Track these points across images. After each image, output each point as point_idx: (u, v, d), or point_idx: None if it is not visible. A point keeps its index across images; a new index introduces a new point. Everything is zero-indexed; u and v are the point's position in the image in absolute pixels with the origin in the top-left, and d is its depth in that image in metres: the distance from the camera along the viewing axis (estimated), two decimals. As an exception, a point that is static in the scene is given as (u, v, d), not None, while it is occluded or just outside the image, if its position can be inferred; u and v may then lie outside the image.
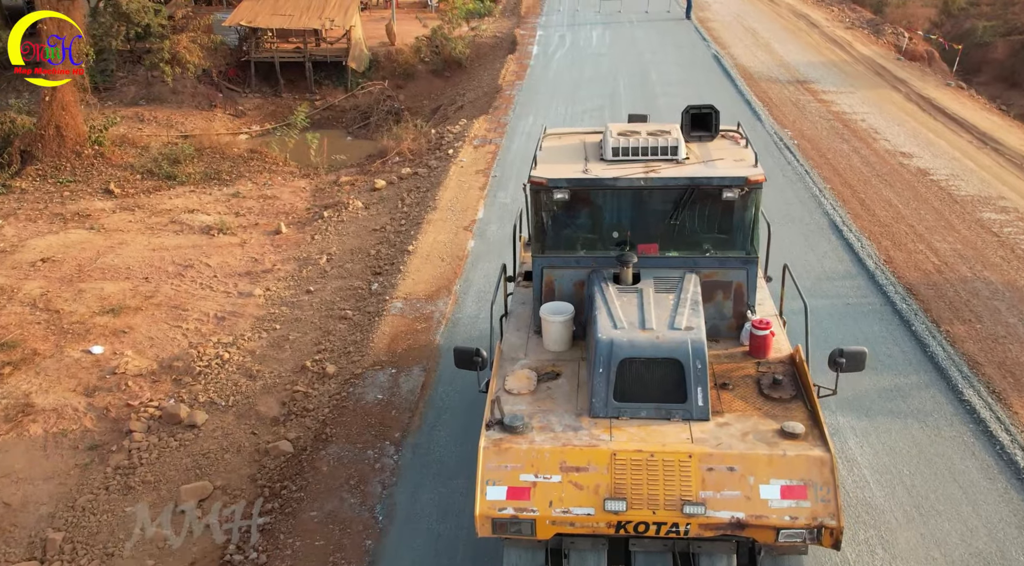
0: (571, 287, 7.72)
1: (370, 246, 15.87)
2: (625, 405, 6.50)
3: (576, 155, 8.07)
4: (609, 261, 7.54)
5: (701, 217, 7.57)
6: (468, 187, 17.80)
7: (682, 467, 6.05)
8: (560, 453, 6.17)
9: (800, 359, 7.10)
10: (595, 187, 7.49)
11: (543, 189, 7.49)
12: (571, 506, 6.03)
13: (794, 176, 17.79)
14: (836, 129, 21.60)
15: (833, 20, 38.39)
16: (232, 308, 14.02)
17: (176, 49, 30.89)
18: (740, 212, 7.49)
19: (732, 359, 7.30)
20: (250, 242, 16.72)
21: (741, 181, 7.34)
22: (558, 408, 6.68)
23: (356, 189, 19.33)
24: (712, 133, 8.30)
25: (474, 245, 14.86)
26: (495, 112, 23.59)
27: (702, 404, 6.46)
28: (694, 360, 6.43)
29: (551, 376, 7.10)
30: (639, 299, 7.07)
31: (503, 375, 7.15)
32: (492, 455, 6.19)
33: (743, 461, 6.04)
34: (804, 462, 6.00)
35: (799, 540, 5.97)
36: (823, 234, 14.79)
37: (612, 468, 6.08)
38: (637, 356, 6.48)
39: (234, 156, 21.62)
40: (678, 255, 7.61)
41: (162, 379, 11.95)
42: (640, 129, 8.07)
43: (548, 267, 7.73)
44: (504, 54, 32.92)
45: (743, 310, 7.63)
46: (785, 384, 6.84)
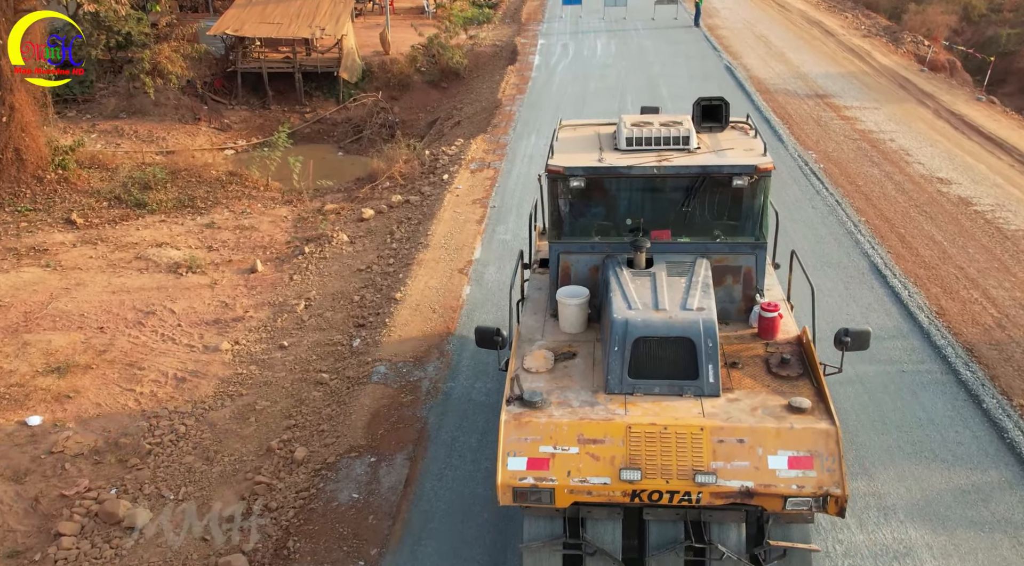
0: (586, 272, 7.99)
1: (354, 290, 14.18)
2: (639, 382, 6.74)
3: (591, 145, 8.28)
4: (623, 247, 7.79)
5: (712, 204, 7.84)
6: (464, 220, 16.10)
7: (694, 439, 6.31)
8: (577, 426, 6.42)
9: (807, 340, 7.28)
10: (610, 175, 7.75)
11: (560, 177, 7.73)
12: (588, 476, 6.29)
13: (824, 208, 16.09)
14: (864, 150, 19.91)
15: (848, 27, 36.70)
16: (195, 366, 12.33)
17: (157, 59, 29.27)
18: (749, 199, 7.74)
19: (742, 340, 7.52)
20: (221, 283, 15.03)
21: (751, 169, 7.57)
22: (575, 385, 6.93)
23: (342, 219, 17.63)
24: (722, 124, 8.53)
25: (470, 292, 13.17)
26: (494, 130, 21.89)
27: (713, 381, 6.68)
28: (705, 338, 6.66)
29: (568, 356, 7.32)
30: (652, 282, 7.31)
31: (521, 355, 7.32)
32: (512, 428, 6.45)
33: (752, 433, 6.30)
34: (811, 434, 6.25)
35: (806, 508, 6.21)
36: (864, 281, 13.09)
37: (627, 440, 6.34)
38: (651, 335, 6.71)
39: (211, 179, 19.93)
40: (690, 241, 7.86)
41: (106, 459, 10.25)
42: (653, 120, 8.25)
43: (564, 253, 8.00)
44: (504, 64, 31.25)
45: (752, 294, 7.88)
46: (792, 363, 7.06)
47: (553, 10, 41.51)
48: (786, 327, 7.64)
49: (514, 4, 45.39)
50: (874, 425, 9.53)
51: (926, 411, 9.79)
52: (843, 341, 7.16)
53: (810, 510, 6.21)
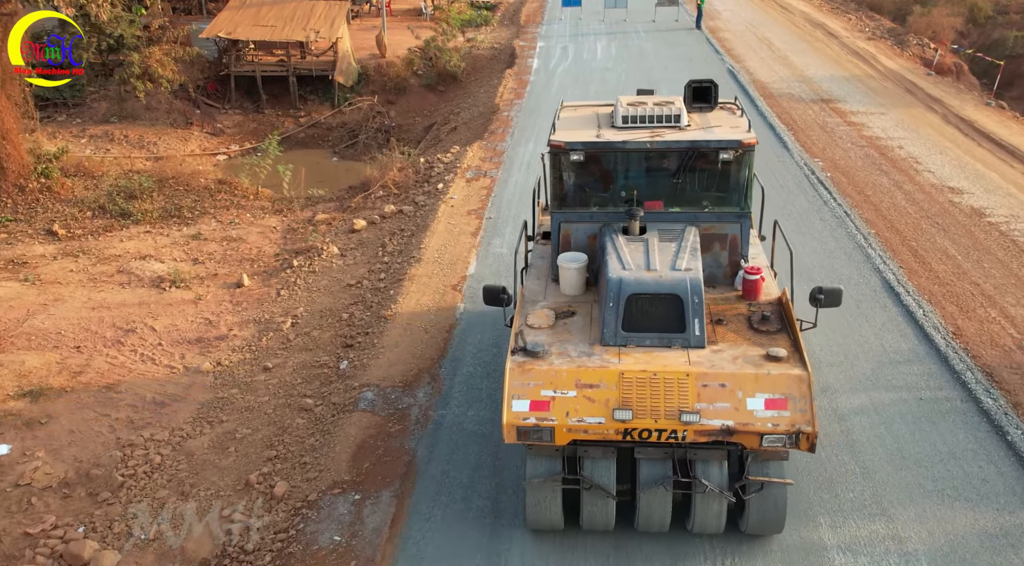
0: (585, 239, 8.69)
1: (343, 307, 13.58)
2: (632, 334, 7.41)
3: (590, 123, 8.94)
4: (619, 216, 8.48)
5: (700, 177, 8.51)
6: (459, 232, 15.51)
7: (680, 384, 7.00)
8: (575, 373, 7.11)
9: (786, 299, 7.98)
10: (606, 150, 8.40)
11: (561, 151, 8.37)
12: (585, 416, 6.97)
13: (833, 220, 15.49)
14: (871, 158, 19.32)
15: (852, 30, 36.12)
16: (175, 389, 11.74)
17: (148, 63, 28.68)
18: (735, 172, 8.41)
19: (727, 301, 8.22)
20: (206, 298, 14.44)
21: (736, 144, 8.21)
22: (574, 339, 7.61)
23: (333, 230, 17.04)
24: (711, 104, 9.18)
25: (464, 310, 12.57)
26: (491, 137, 21.30)
27: (699, 333, 7.37)
28: (692, 295, 7.35)
29: (567, 314, 8.03)
30: (645, 247, 7.96)
31: (525, 313, 8.03)
32: (517, 374, 7.13)
33: (733, 378, 6.99)
34: (785, 379, 6.96)
35: (780, 445, 6.90)
36: (877, 299, 12.49)
37: (620, 385, 7.02)
38: (643, 292, 7.40)
39: (199, 188, 19.34)
40: (680, 211, 8.55)
41: (75, 493, 9.66)
42: (647, 100, 8.93)
43: (565, 222, 8.71)
44: (502, 67, 30.66)
45: (737, 259, 8.57)
46: (772, 319, 7.75)
47: (552, 12, 40.91)
48: (768, 289, 8.35)
49: (513, 6, 44.82)
50: (892, 459, 8.94)
51: (947, 444, 9.20)
52: (817, 298, 7.90)
53: (784, 447, 6.93)
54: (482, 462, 9.13)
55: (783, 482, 7.35)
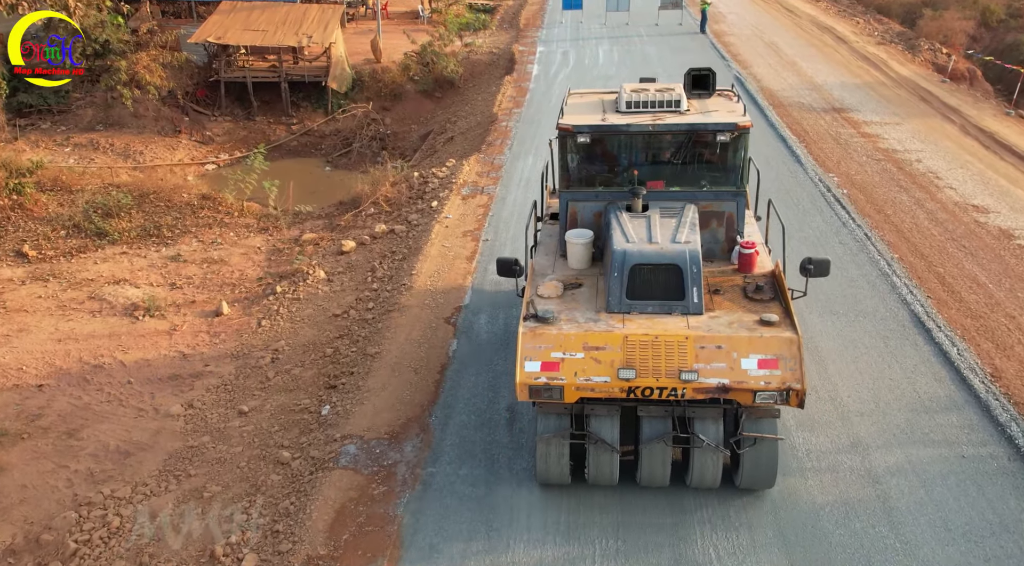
0: (591, 217, 9.22)
1: (327, 340, 12.59)
2: (635, 302, 7.98)
3: (596, 108, 9.56)
4: (623, 195, 9.00)
5: (699, 158, 9.09)
6: (453, 256, 14.51)
7: (680, 346, 7.56)
8: (583, 337, 7.68)
9: (779, 271, 8.57)
10: (611, 132, 8.98)
11: (569, 134, 8.94)
12: (591, 375, 7.52)
13: (853, 244, 14.49)
14: (889, 173, 18.33)
15: (861, 34, 35.11)
16: (141, 436, 10.76)
17: (136, 69, 27.72)
18: (731, 153, 8.97)
19: (724, 274, 8.80)
20: (182, 328, 13.46)
21: (732, 126, 8.77)
22: (581, 307, 8.19)
23: (320, 251, 16.05)
24: (710, 91, 9.75)
25: (457, 347, 11.58)
26: (488, 149, 20.29)
27: (697, 301, 7.93)
28: (691, 265, 7.89)
29: (575, 286, 8.63)
30: (647, 222, 8.50)
31: (536, 285, 8.63)
32: (529, 338, 7.70)
33: (728, 341, 7.56)
34: (777, 341, 7.54)
35: (772, 401, 7.44)
36: (906, 335, 11.50)
37: (624, 347, 7.58)
38: (645, 262, 7.95)
39: (181, 204, 18.33)
40: (680, 190, 9.14)
41: (23, 561, 8.69)
42: (649, 87, 9.55)
43: (572, 200, 9.26)
44: (501, 73, 29.65)
45: (734, 235, 9.15)
46: (766, 289, 8.35)
47: (553, 15, 39.88)
48: (762, 263, 8.91)
49: (512, 8, 43.80)
50: (935, 532, 7.95)
51: (996, 512, 8.20)
52: (807, 268, 8.42)
53: (775, 403, 7.46)
54: (475, 532, 8.15)
55: (775, 438, 7.89)
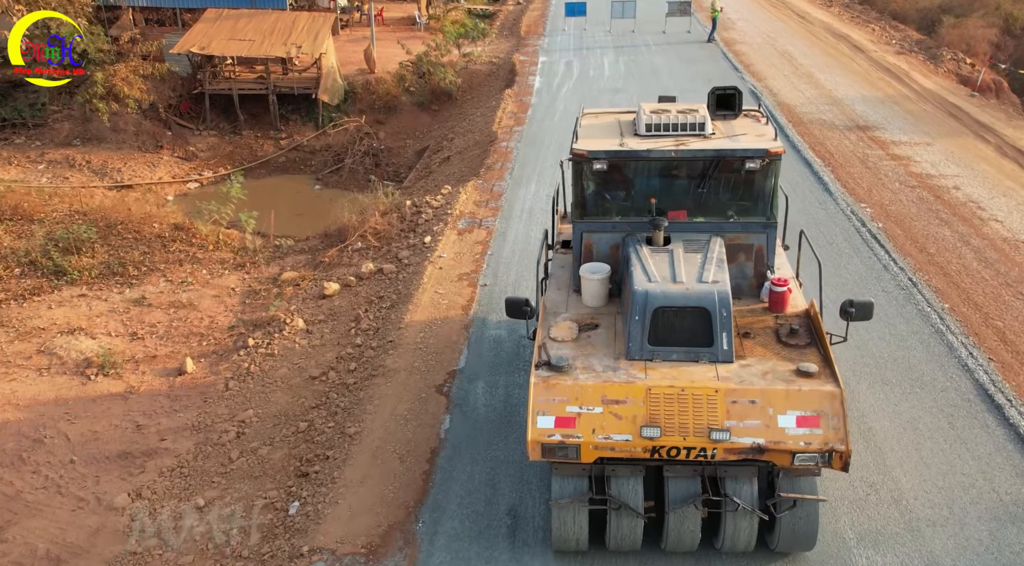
0: (607, 249, 8.57)
1: (302, 410, 11.00)
2: (658, 348, 7.34)
3: (612, 131, 8.80)
4: (642, 226, 8.36)
5: (725, 186, 8.41)
6: (447, 305, 12.90)
7: (709, 400, 6.92)
8: (601, 388, 7.06)
9: (814, 312, 7.91)
10: (630, 158, 8.35)
11: (584, 160, 8.29)
12: (611, 433, 6.89)
13: (899, 293, 12.88)
14: (926, 202, 16.73)
15: (878, 42, 33.49)
16: (77, 537, 9.18)
17: (113, 81, 26.13)
18: (761, 181, 8.31)
19: (754, 313, 8.15)
20: (139, 391, 11.87)
21: (762, 153, 8.11)
22: (598, 352, 7.55)
23: (300, 295, 14.45)
24: (735, 112, 8.99)
25: (450, 426, 9.97)
26: (487, 174, 18.68)
27: (727, 347, 7.29)
28: (720, 308, 7.27)
29: (591, 327, 7.96)
30: (670, 258, 7.88)
31: (548, 325, 7.97)
32: (541, 390, 7.08)
33: (763, 395, 6.93)
34: (817, 396, 6.89)
35: (812, 463, 6.83)
36: (973, 412, 9.89)
37: (648, 401, 6.95)
38: (669, 305, 7.32)
39: (151, 236, 16.73)
40: (705, 220, 8.46)
41: None
42: (670, 108, 8.74)
43: (587, 231, 8.59)
44: (501, 85, 28.05)
45: (763, 270, 8.51)
46: (801, 333, 7.69)
47: (555, 22, 38.25)
48: (795, 301, 8.19)
49: (513, 14, 42.19)
50: None
51: None
52: (848, 312, 7.75)
53: (816, 465, 6.77)
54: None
55: (816, 499, 7.24)
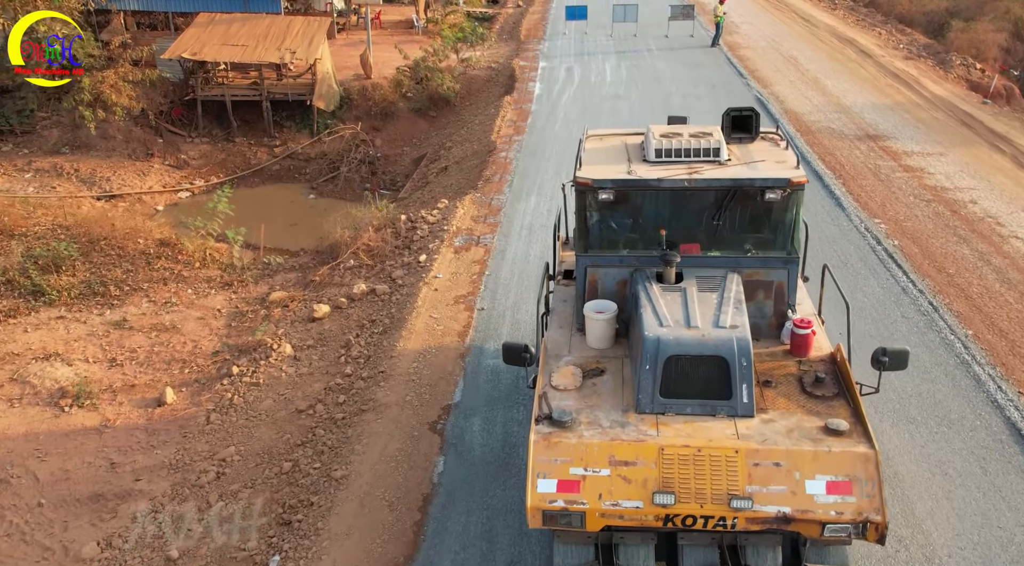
0: (614, 285, 7.90)
1: (287, 448, 10.31)
2: (671, 401, 6.64)
3: (619, 156, 8.17)
4: (652, 260, 7.65)
5: (743, 218, 7.70)
6: (442, 332, 12.22)
7: (729, 462, 6.19)
8: (608, 447, 6.33)
9: (842, 357, 7.18)
10: (639, 188, 7.63)
11: (588, 189, 7.63)
12: (620, 499, 6.19)
13: (919, 317, 12.20)
14: (943, 218, 16.05)
15: (886, 47, 32.82)
16: (41, 592, 8.49)
17: (101, 88, 25.42)
18: (781, 213, 7.61)
19: (774, 357, 7.41)
20: (114, 424, 11.20)
21: (784, 183, 7.44)
22: (604, 404, 6.83)
23: (289, 317, 13.77)
24: (752, 135, 8.36)
25: (444, 469, 9.28)
26: (486, 187, 18.00)
27: (747, 401, 6.58)
28: (739, 358, 6.53)
29: (596, 372, 7.24)
30: (683, 298, 7.18)
31: (549, 371, 7.25)
32: (542, 449, 6.36)
33: (789, 457, 6.19)
34: (849, 458, 6.14)
35: (844, 534, 6.09)
36: (1007, 455, 9.19)
37: (660, 463, 6.23)
38: (683, 353, 6.59)
39: (135, 253, 16.05)
40: (720, 255, 7.74)
41: None
42: (682, 131, 8.12)
43: (591, 266, 7.91)
44: (500, 92, 27.38)
45: (784, 309, 7.79)
46: (827, 382, 6.97)
47: (555, 25, 37.56)
48: (819, 344, 7.53)
49: (513, 17, 41.51)
50: None
51: None
52: (881, 361, 7.03)
53: (848, 536, 6.13)
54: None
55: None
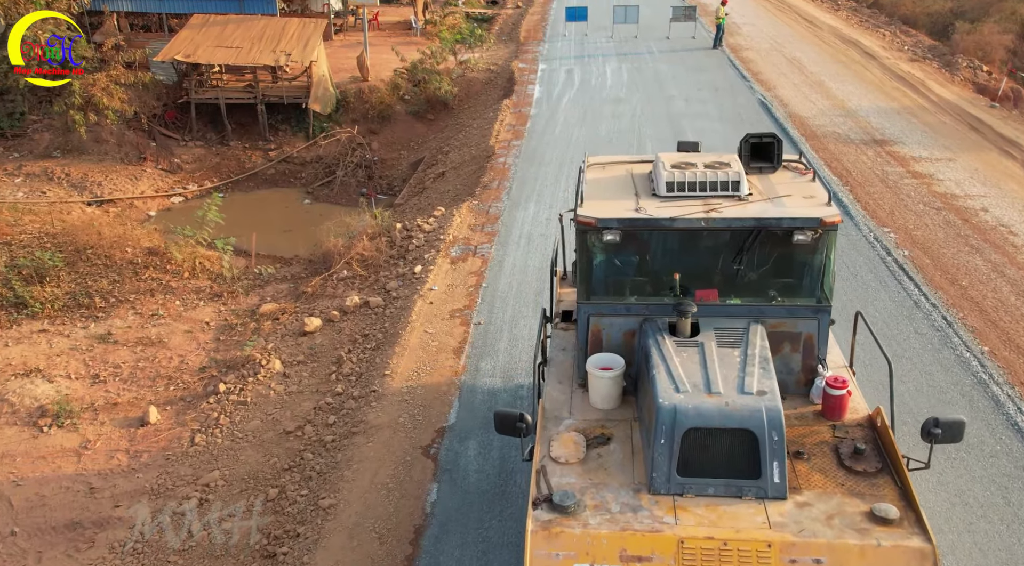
0: (620, 337, 6.97)
1: (274, 473, 9.86)
2: (690, 481, 5.73)
3: (625, 189, 7.30)
4: (663, 309, 6.81)
5: (767, 260, 6.82)
6: (437, 348, 11.76)
7: (760, 558, 5.28)
8: (619, 539, 5.42)
9: (883, 424, 6.24)
10: (650, 228, 6.76)
11: (591, 230, 6.73)
12: None
13: (932, 333, 11.74)
14: (953, 226, 15.60)
15: (890, 48, 32.37)
16: (11, 629, 8.05)
17: (92, 91, 24.97)
18: (811, 256, 6.75)
19: (803, 421, 6.49)
20: (95, 446, 10.75)
21: (815, 223, 6.57)
22: (612, 481, 5.92)
23: (279, 330, 13.31)
24: (774, 164, 7.48)
25: (438, 497, 8.83)
26: (484, 194, 17.55)
27: (778, 481, 5.68)
28: (770, 431, 5.65)
29: (601, 440, 6.31)
30: (701, 355, 6.31)
31: (547, 438, 6.30)
32: (541, 540, 5.41)
33: (831, 552, 5.29)
34: (902, 555, 5.23)
35: None
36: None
37: (680, 558, 5.32)
38: (704, 425, 5.70)
39: (122, 263, 15.58)
40: (741, 303, 6.83)
41: None
42: (695, 160, 7.24)
43: (595, 315, 6.97)
44: (499, 93, 26.95)
45: (813, 364, 6.86)
46: (868, 454, 6.05)
47: (555, 27, 37.12)
48: (853, 404, 6.61)
49: (512, 19, 41.06)
50: None
51: None
52: (932, 433, 6.02)
53: None
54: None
55: None
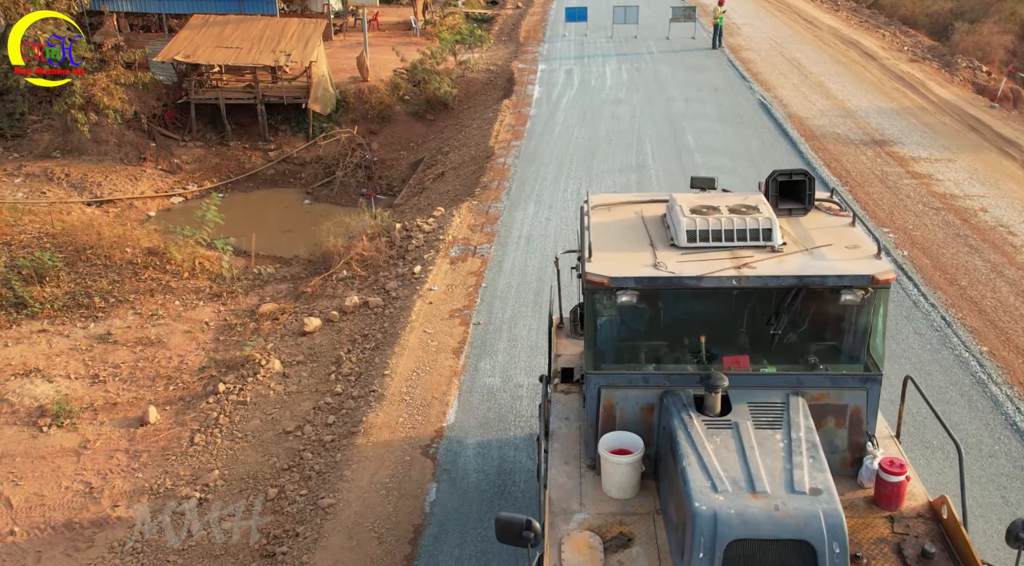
0: (638, 412, 5.96)
1: (273, 473, 9.86)
2: None
3: (638, 238, 6.23)
4: (687, 379, 5.82)
5: (806, 321, 5.92)
6: (436, 348, 11.77)
7: None
8: None
9: (953, 518, 5.26)
10: (674, 287, 5.77)
11: (603, 290, 5.71)
12: None
13: (931, 333, 11.75)
14: (953, 227, 15.60)
15: (890, 49, 32.37)
16: (10, 629, 8.05)
17: (92, 91, 24.99)
18: (859, 317, 5.82)
19: (855, 511, 5.56)
20: (94, 446, 10.75)
21: (866, 281, 5.61)
22: None
23: (278, 331, 13.32)
24: (806, 205, 6.54)
25: (437, 497, 8.84)
26: (483, 195, 17.55)
27: None
28: (830, 542, 4.66)
29: (620, 541, 5.33)
30: (737, 440, 5.30)
31: (556, 540, 5.30)
32: None
33: None
34: None
35: None
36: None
37: None
38: (751, 537, 4.69)
39: (122, 263, 15.59)
40: (777, 372, 5.87)
41: None
42: (717, 202, 6.26)
43: (607, 387, 5.95)
44: (498, 94, 26.97)
45: (862, 441, 5.94)
46: (938, 558, 5.10)
47: (555, 27, 37.13)
48: (910, 489, 5.72)
49: (512, 19, 41.09)
50: None
51: None
52: (1021, 538, 5.03)
53: None
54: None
55: None
